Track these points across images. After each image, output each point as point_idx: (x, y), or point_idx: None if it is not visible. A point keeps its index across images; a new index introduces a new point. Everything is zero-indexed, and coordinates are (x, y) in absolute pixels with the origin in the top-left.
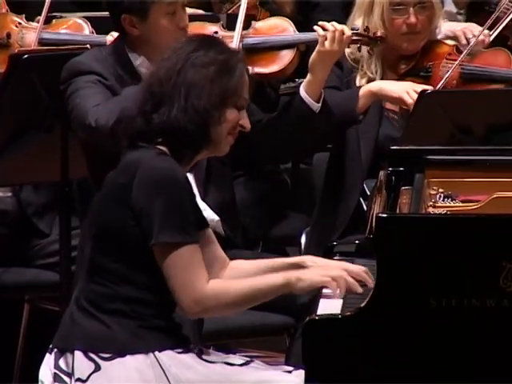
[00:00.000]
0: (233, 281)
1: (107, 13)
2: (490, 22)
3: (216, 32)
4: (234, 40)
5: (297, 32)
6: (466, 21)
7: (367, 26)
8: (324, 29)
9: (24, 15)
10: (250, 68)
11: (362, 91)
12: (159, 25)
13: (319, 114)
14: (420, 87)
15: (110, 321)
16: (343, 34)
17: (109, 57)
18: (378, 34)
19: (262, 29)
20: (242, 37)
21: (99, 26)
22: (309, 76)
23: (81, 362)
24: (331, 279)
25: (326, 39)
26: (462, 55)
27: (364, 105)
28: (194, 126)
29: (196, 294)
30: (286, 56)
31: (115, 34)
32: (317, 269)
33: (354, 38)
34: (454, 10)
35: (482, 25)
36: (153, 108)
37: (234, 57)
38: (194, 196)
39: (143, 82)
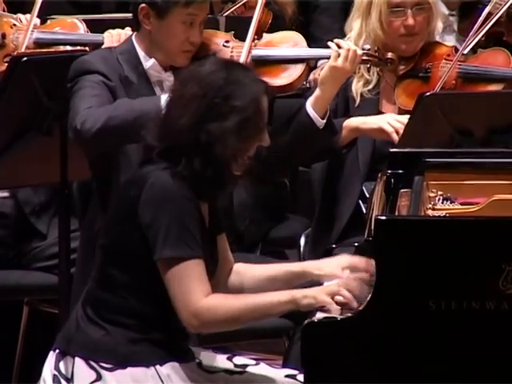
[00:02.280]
0: (233, 296)
1: (103, 15)
2: (482, 19)
3: (227, 41)
4: (243, 51)
5: (307, 47)
6: (459, 22)
7: (378, 47)
8: (339, 46)
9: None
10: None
11: (343, 124)
12: (173, 29)
13: (323, 130)
14: (402, 117)
15: (112, 330)
16: (356, 53)
17: (120, 56)
18: (389, 55)
19: (273, 41)
20: (252, 48)
21: (95, 29)
22: (317, 91)
23: (81, 370)
24: (334, 299)
25: (339, 55)
26: (457, 54)
27: (345, 138)
28: (219, 175)
29: (192, 307)
30: (295, 71)
31: (113, 32)
32: (320, 288)
33: (365, 58)
34: (445, 11)
35: (473, 26)
36: (170, 153)
37: (256, 94)
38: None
39: (159, 115)
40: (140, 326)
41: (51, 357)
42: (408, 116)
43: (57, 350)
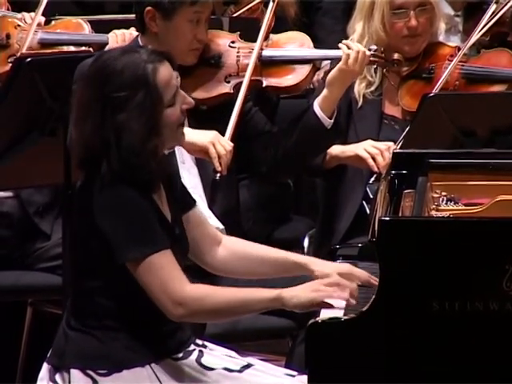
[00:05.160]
0: (220, 288)
1: (107, 16)
2: (487, 17)
3: (233, 42)
4: (253, 53)
5: (313, 48)
6: (464, 23)
7: (384, 48)
8: (348, 47)
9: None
10: (263, 81)
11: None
12: (180, 29)
13: (330, 130)
14: (379, 143)
15: (102, 335)
16: (365, 55)
17: None
18: (395, 56)
19: (279, 42)
20: (260, 49)
21: (99, 30)
22: (325, 91)
23: (78, 379)
24: (325, 293)
25: (348, 57)
26: (459, 53)
27: (328, 164)
28: (140, 166)
29: (176, 295)
30: (302, 71)
31: (118, 32)
32: (310, 285)
33: (372, 59)
34: (451, 12)
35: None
36: (92, 165)
37: (141, 70)
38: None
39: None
40: (128, 327)
41: (46, 370)
42: (387, 142)
43: (50, 366)
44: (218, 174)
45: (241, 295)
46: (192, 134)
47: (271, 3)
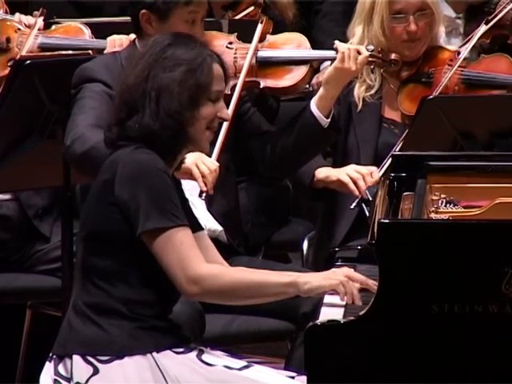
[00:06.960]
0: (237, 268)
1: (107, 19)
2: (491, 19)
3: (231, 42)
4: (248, 54)
5: (311, 48)
6: (465, 24)
7: (381, 49)
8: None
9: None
10: (260, 82)
11: (314, 172)
12: (176, 29)
13: (327, 129)
14: (362, 168)
15: (107, 324)
16: (359, 53)
17: (124, 61)
18: (392, 56)
19: (276, 43)
20: (257, 49)
21: (99, 32)
22: (321, 90)
23: (79, 366)
24: (339, 282)
25: (344, 56)
26: (459, 59)
27: (316, 185)
28: (168, 129)
29: (192, 272)
30: (299, 72)
31: (116, 37)
32: (324, 274)
33: (369, 59)
34: (452, 14)
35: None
36: (127, 116)
37: (201, 53)
38: (177, 189)
39: (115, 91)
40: (134, 313)
41: (48, 366)
42: (370, 167)
43: (54, 357)
44: (204, 194)
45: (256, 276)
46: None
47: (259, 25)
